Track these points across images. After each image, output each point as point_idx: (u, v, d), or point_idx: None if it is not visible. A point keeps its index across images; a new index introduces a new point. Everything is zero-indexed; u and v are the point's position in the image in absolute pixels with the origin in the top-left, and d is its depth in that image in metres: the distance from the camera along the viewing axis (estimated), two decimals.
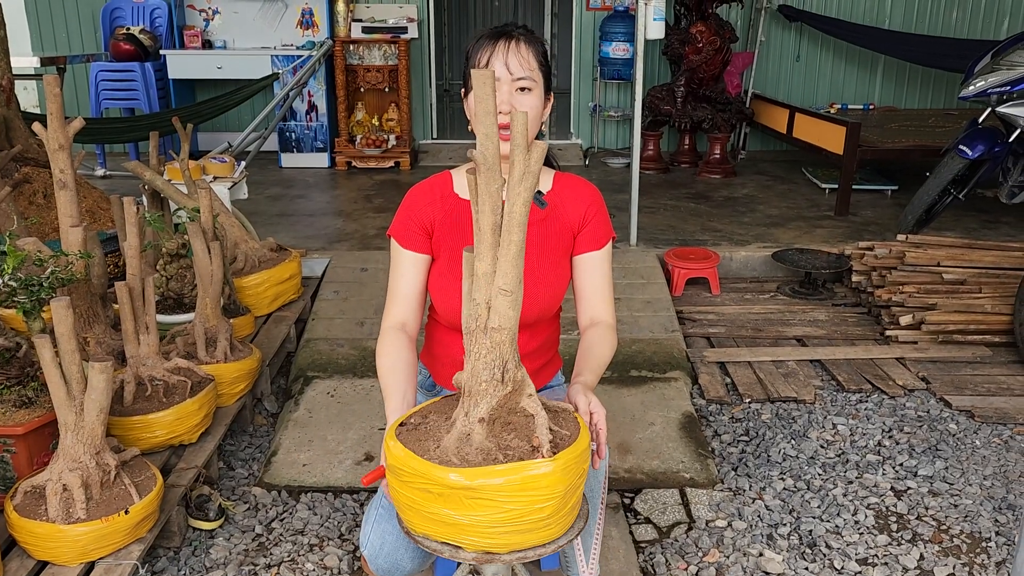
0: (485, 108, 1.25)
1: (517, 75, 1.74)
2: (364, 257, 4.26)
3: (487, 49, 1.75)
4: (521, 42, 1.76)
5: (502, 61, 1.73)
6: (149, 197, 3.50)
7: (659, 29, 4.12)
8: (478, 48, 1.77)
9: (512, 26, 1.80)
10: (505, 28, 1.78)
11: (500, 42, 1.74)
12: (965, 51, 6.41)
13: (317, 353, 3.44)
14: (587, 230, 1.92)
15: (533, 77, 1.76)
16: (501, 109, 1.72)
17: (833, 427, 2.99)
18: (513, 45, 1.75)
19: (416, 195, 1.91)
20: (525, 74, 1.75)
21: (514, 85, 1.74)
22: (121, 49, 6.20)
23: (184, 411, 2.50)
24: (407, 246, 1.87)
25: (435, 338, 2.01)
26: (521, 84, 1.75)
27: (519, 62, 1.74)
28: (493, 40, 1.75)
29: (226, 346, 2.84)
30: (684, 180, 6.16)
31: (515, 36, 1.76)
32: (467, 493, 1.26)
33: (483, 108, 1.24)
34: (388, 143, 6.42)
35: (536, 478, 1.27)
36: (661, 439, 2.89)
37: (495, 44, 1.74)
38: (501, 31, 1.77)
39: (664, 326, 3.68)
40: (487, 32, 1.78)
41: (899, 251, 3.95)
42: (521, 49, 1.75)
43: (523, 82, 1.75)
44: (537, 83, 1.77)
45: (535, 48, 1.78)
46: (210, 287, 2.79)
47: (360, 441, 2.86)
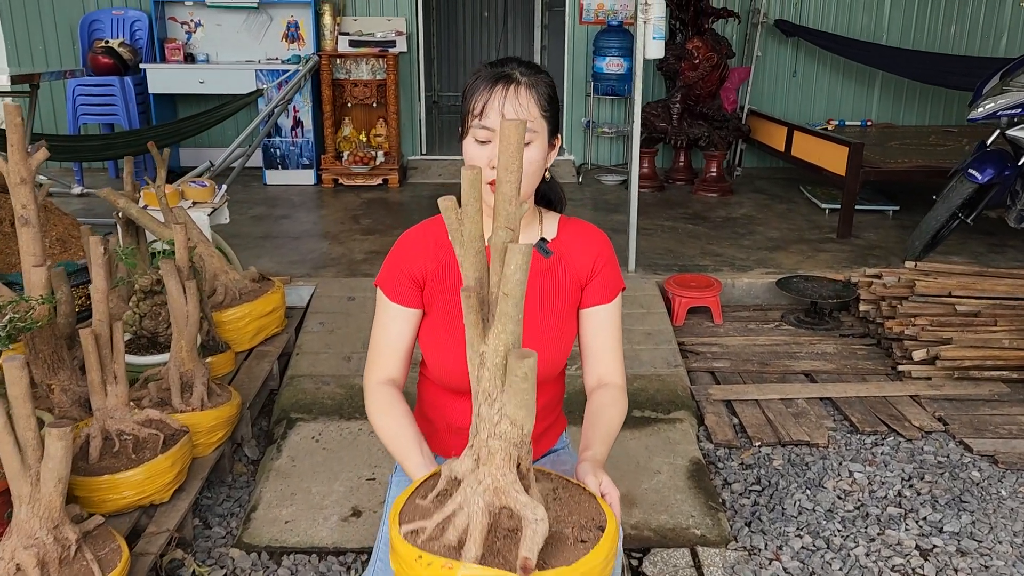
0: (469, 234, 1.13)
1: None
2: (351, 284, 4.07)
3: (483, 94, 1.57)
4: (521, 88, 1.58)
5: (497, 109, 1.56)
6: (123, 225, 3.30)
7: (659, 48, 3.96)
8: (475, 90, 1.59)
9: (513, 65, 1.61)
10: (504, 70, 1.59)
11: (498, 87, 1.57)
12: (964, 68, 6.33)
13: (301, 392, 3.25)
14: (596, 281, 1.75)
15: (533, 127, 1.58)
16: (493, 164, 1.55)
17: (850, 475, 2.82)
18: (512, 92, 1.57)
19: (407, 243, 1.73)
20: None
21: None
22: (100, 63, 5.99)
23: (155, 469, 2.30)
24: (396, 299, 1.69)
25: (428, 399, 1.83)
26: None
27: (516, 111, 1.57)
28: (490, 84, 1.57)
29: (203, 392, 2.64)
30: (680, 199, 6.00)
31: (515, 80, 1.58)
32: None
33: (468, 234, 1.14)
34: (376, 160, 6.23)
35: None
36: (668, 489, 2.71)
37: (492, 89, 1.57)
38: (500, 73, 1.58)
39: (667, 360, 3.51)
40: (486, 72, 1.60)
41: (908, 280, 3.80)
42: (520, 96, 1.57)
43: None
44: (538, 132, 1.60)
45: (537, 92, 1.60)
46: (185, 329, 2.60)
47: (347, 494, 2.67)
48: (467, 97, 1.61)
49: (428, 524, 1.22)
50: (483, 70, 1.62)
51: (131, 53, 6.10)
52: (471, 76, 1.64)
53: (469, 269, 1.24)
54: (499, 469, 1.21)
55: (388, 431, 1.62)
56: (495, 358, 1.19)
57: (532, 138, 1.58)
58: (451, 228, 1.22)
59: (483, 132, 1.57)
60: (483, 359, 1.22)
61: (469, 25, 10.47)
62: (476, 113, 1.57)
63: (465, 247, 1.23)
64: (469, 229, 1.22)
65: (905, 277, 3.83)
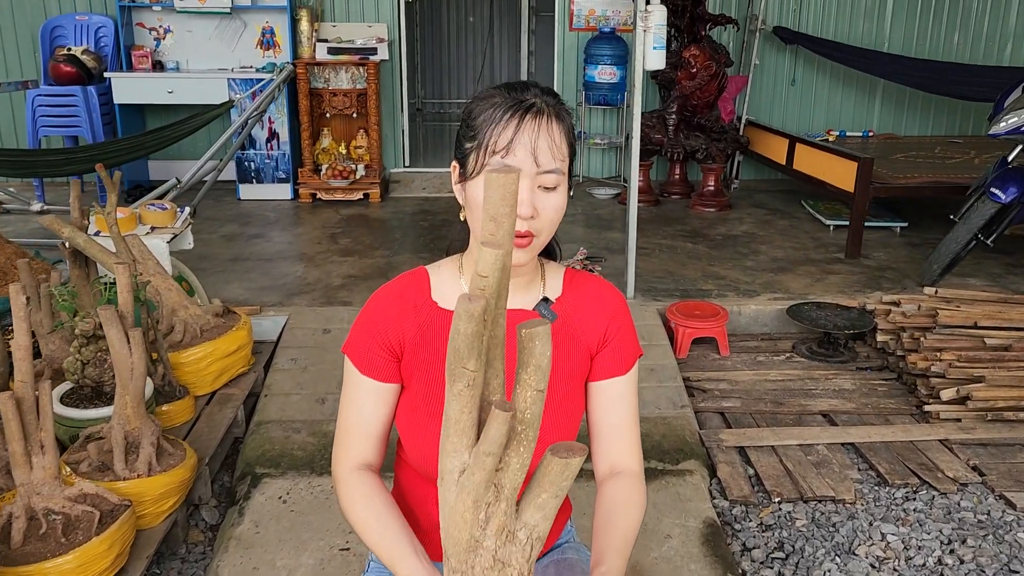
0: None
1: (545, 167, 1.26)
2: (327, 315, 3.74)
3: (507, 126, 1.26)
4: (553, 122, 1.28)
5: (528, 147, 1.25)
6: (70, 256, 2.97)
7: (659, 59, 3.66)
8: (493, 120, 1.27)
9: (536, 91, 1.31)
10: (526, 98, 1.28)
11: (527, 121, 1.26)
12: (969, 76, 6.08)
13: (268, 442, 2.92)
14: (609, 350, 1.45)
15: (561, 169, 1.28)
16: (519, 211, 1.25)
17: (882, 538, 2.52)
18: (545, 125, 1.26)
19: (381, 304, 1.42)
20: (555, 166, 1.27)
21: (538, 181, 1.27)
22: (61, 71, 5.62)
23: (89, 554, 1.97)
24: (367, 372, 1.39)
25: (406, 487, 1.51)
26: (547, 181, 1.28)
27: (550, 148, 1.27)
28: (516, 114, 1.26)
29: (151, 453, 2.31)
30: (677, 214, 5.71)
31: (544, 111, 1.27)
32: None
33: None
34: (356, 173, 5.90)
35: None
36: (681, 558, 2.40)
37: (520, 121, 1.25)
38: (524, 102, 1.27)
39: (672, 400, 3.20)
40: (504, 98, 1.28)
41: (929, 308, 3.52)
42: (554, 131, 1.27)
43: (550, 178, 1.28)
44: (564, 176, 1.30)
45: (566, 126, 1.30)
46: (130, 383, 2.27)
47: (317, 568, 2.34)
48: (478, 127, 1.29)
49: None
50: (499, 96, 1.30)
51: (95, 61, 5.75)
52: (479, 101, 1.32)
53: (491, 387, 0.96)
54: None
55: (371, 529, 1.33)
56: (517, 478, 0.96)
57: (560, 181, 1.29)
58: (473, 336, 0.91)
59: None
60: (499, 490, 0.94)
61: (454, 30, 10.16)
62: (498, 149, 1.26)
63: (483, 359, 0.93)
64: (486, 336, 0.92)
65: (925, 305, 3.55)
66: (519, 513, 0.97)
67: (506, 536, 0.97)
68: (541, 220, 1.30)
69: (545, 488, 0.94)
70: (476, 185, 1.29)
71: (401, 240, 5.01)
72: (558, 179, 1.29)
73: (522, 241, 1.29)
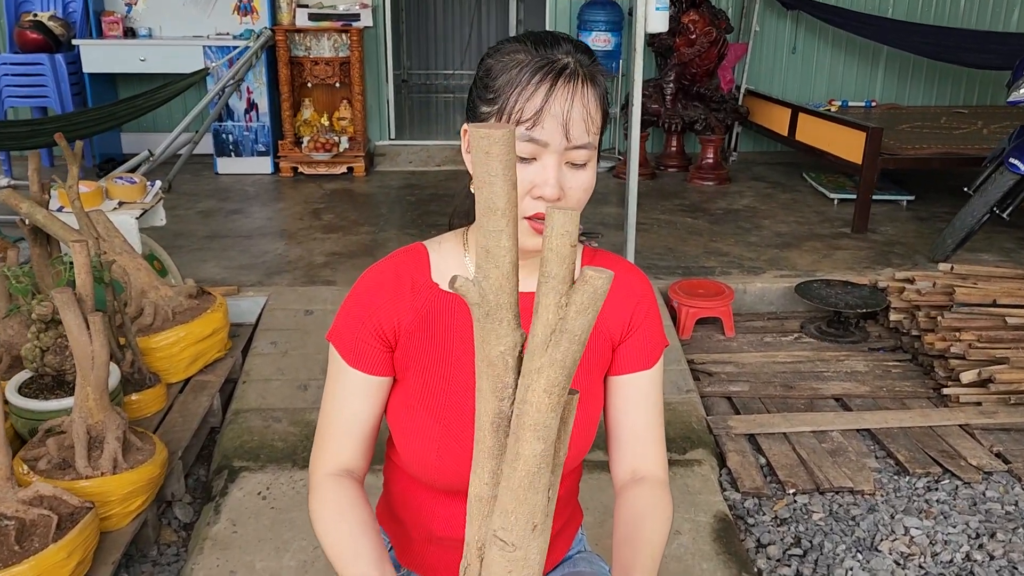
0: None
1: (577, 141, 1.06)
2: (309, 295, 3.53)
3: (535, 91, 1.05)
4: (588, 86, 1.07)
5: (560, 121, 1.05)
6: (30, 234, 2.75)
7: (662, 20, 3.45)
8: (517, 83, 1.06)
9: (567, 47, 1.09)
10: (558, 57, 1.07)
11: (559, 86, 1.05)
12: (976, 43, 5.88)
13: (247, 432, 2.72)
14: (633, 340, 1.27)
15: (593, 143, 1.08)
16: (544, 193, 1.06)
17: (906, 532, 2.36)
18: (579, 91, 1.06)
19: (373, 285, 1.22)
20: (588, 140, 1.07)
21: (566, 157, 1.07)
22: (27, 38, 5.34)
23: (47, 562, 1.78)
24: (355, 363, 1.20)
25: (397, 493, 1.33)
26: (578, 158, 1.08)
27: (584, 120, 1.07)
28: (546, 77, 1.05)
29: (116, 448, 2.12)
30: (675, 187, 5.51)
31: (579, 75, 1.06)
32: None
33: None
34: (339, 146, 5.66)
35: None
36: (692, 556, 2.23)
37: (551, 88, 1.05)
38: (556, 63, 1.06)
39: (677, 384, 3.03)
40: (532, 57, 1.07)
41: (944, 285, 3.34)
42: (588, 99, 1.07)
43: (581, 153, 1.08)
44: (595, 151, 1.10)
45: (601, 91, 1.10)
46: (91, 373, 2.06)
47: (298, 571, 2.15)
48: (499, 89, 1.08)
49: None
50: (524, 52, 1.09)
51: (63, 27, 5.45)
52: (500, 57, 1.11)
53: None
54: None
55: (338, 553, 1.15)
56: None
57: (590, 158, 1.10)
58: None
59: (530, 147, 1.06)
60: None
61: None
62: (524, 119, 1.05)
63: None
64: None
65: (941, 282, 3.37)
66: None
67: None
68: (568, 201, 1.11)
69: None
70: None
71: (387, 216, 4.79)
72: (589, 155, 1.10)
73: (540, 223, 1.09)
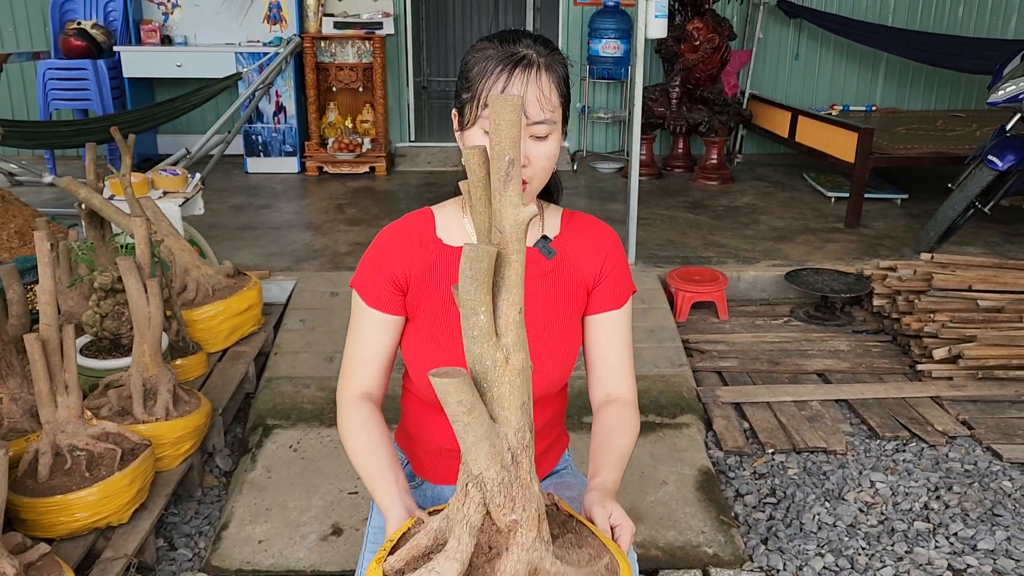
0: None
1: (535, 119, 1.33)
2: (334, 279, 3.83)
3: (498, 78, 1.32)
4: (543, 73, 1.33)
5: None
6: (86, 217, 3.05)
7: (661, 27, 3.72)
8: (485, 73, 1.33)
9: (528, 42, 1.36)
10: (519, 50, 1.34)
11: (516, 72, 1.32)
12: (974, 50, 6.10)
13: (279, 396, 3.02)
14: (604, 285, 1.52)
15: (551, 119, 1.35)
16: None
17: (871, 485, 2.61)
18: (533, 77, 1.32)
19: (388, 240, 1.50)
20: (545, 116, 1.33)
21: (528, 131, 1.33)
22: (71, 45, 5.70)
23: (112, 488, 2.07)
24: (374, 304, 1.46)
25: (412, 416, 1.60)
26: (538, 131, 1.34)
27: (539, 100, 1.32)
28: (506, 66, 1.32)
29: (168, 399, 2.41)
30: (679, 187, 5.77)
31: (535, 63, 1.33)
32: None
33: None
34: (362, 147, 5.97)
35: None
36: (676, 502, 2.49)
37: (510, 74, 1.32)
38: (516, 55, 1.33)
39: (670, 359, 3.29)
40: (497, 51, 1.34)
41: (925, 272, 3.59)
42: (543, 83, 1.33)
43: (540, 128, 1.34)
44: (556, 123, 1.36)
45: (557, 76, 1.36)
46: (147, 332, 2.36)
47: (327, 509, 2.44)
48: (473, 80, 1.36)
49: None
50: (492, 48, 1.36)
51: (105, 35, 5.81)
52: (474, 52, 1.38)
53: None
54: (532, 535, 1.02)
55: (359, 456, 1.41)
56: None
57: (551, 130, 1.35)
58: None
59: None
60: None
61: (459, 6, 10.18)
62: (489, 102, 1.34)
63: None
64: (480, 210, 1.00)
65: (921, 270, 3.62)
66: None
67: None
68: (533, 167, 1.37)
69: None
70: (473, 134, 1.36)
71: (407, 210, 4.95)
72: (548, 128, 1.35)
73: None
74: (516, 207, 0.95)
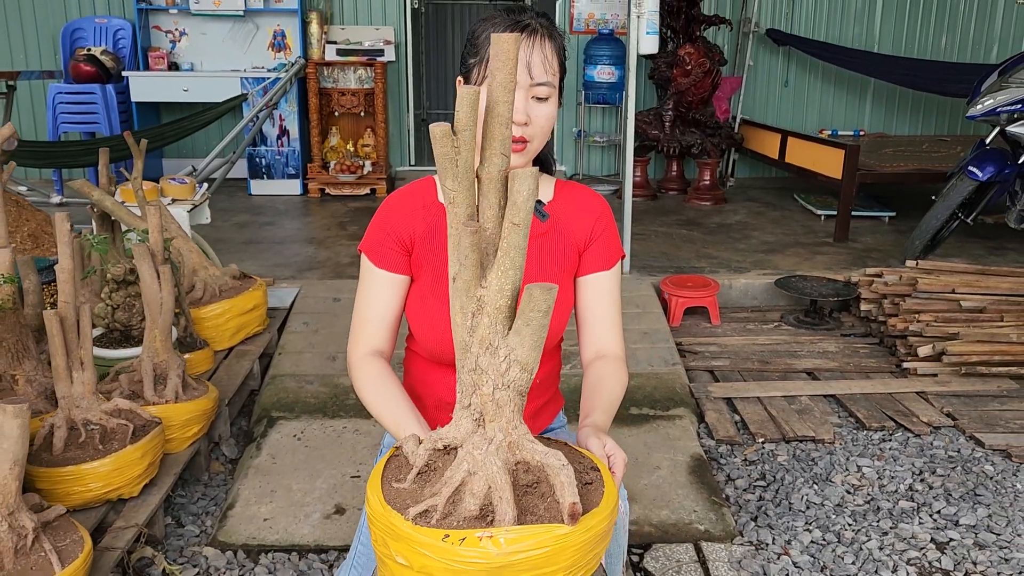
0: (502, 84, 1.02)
1: (538, 80, 1.45)
2: (336, 286, 3.94)
3: None
4: (546, 39, 1.46)
5: (523, 63, 1.44)
6: (97, 219, 3.17)
7: (652, 43, 3.88)
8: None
9: (531, 14, 1.49)
10: (522, 18, 1.47)
11: (523, 36, 1.44)
12: (958, 74, 6.29)
13: (283, 391, 3.11)
14: (595, 247, 1.63)
15: (552, 82, 1.47)
16: (515, 118, 1.45)
17: (858, 469, 2.69)
18: (538, 42, 1.45)
19: (393, 205, 1.61)
20: (547, 79, 1.46)
21: (531, 92, 1.46)
22: (81, 70, 5.87)
23: (124, 460, 2.15)
24: (382, 264, 1.57)
25: (415, 374, 1.70)
26: (540, 92, 1.46)
27: (543, 63, 1.45)
28: (514, 30, 1.44)
29: (177, 384, 2.50)
30: (673, 207, 5.91)
31: (539, 30, 1.46)
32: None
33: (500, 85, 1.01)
34: (363, 169, 6.12)
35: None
36: (669, 485, 2.57)
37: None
38: (519, 22, 1.46)
39: (664, 359, 3.38)
40: (504, 19, 1.48)
41: (910, 278, 3.70)
42: (546, 48, 1.46)
43: (543, 89, 1.46)
44: (555, 88, 1.49)
45: (557, 45, 1.49)
46: (159, 317, 2.46)
47: (330, 491, 2.52)
48: (480, 44, 1.49)
49: (436, 502, 1.09)
50: (499, 17, 1.49)
51: (114, 61, 5.99)
52: (482, 22, 1.51)
53: (462, 205, 1.12)
54: (510, 422, 1.11)
55: (378, 404, 1.49)
56: (498, 300, 1.08)
57: (551, 93, 1.48)
58: (444, 158, 1.09)
59: None
60: (481, 304, 1.10)
61: (458, 38, 10.41)
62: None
63: (459, 180, 1.11)
64: (465, 158, 1.10)
65: (907, 276, 3.73)
66: (506, 338, 1.14)
67: (487, 348, 1.13)
68: (534, 127, 1.50)
69: (524, 316, 1.10)
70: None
71: None
72: (549, 91, 1.48)
73: (518, 146, 1.48)
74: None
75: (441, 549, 1.02)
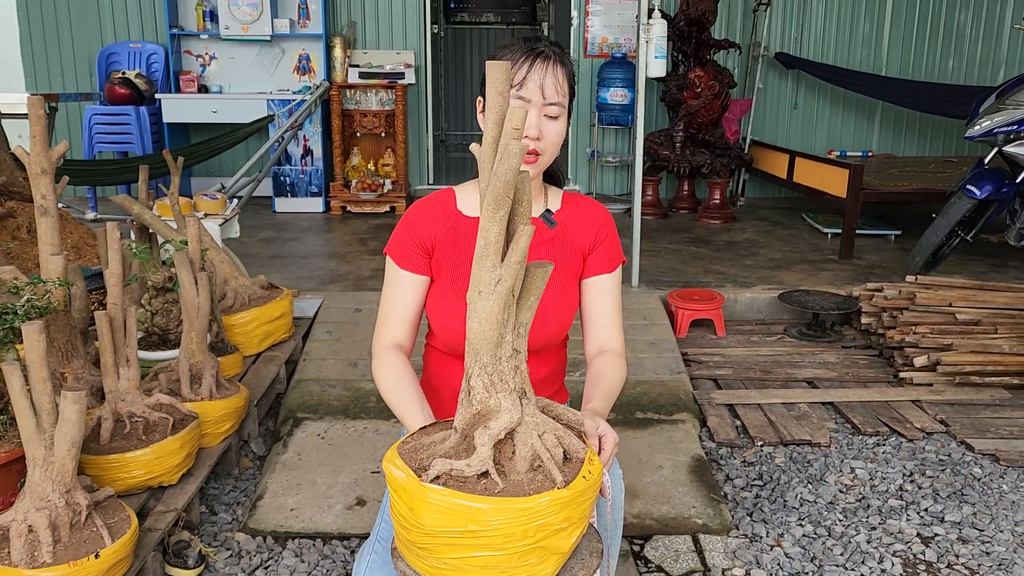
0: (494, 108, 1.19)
1: (550, 99, 1.65)
2: (358, 298, 4.13)
3: (521, 65, 1.65)
4: (558, 65, 1.67)
5: (537, 82, 1.64)
6: (137, 232, 3.38)
7: (660, 67, 4.07)
8: (512, 62, 1.66)
9: (544, 43, 1.70)
10: (537, 46, 1.68)
11: (538, 62, 1.65)
12: (963, 97, 6.41)
13: (308, 394, 3.29)
14: (598, 252, 1.82)
15: (563, 103, 1.67)
16: (528, 133, 1.63)
17: (851, 471, 2.83)
18: (551, 67, 1.65)
19: (416, 212, 1.80)
20: (558, 99, 1.66)
21: (543, 111, 1.65)
22: (116, 93, 6.15)
23: (164, 450, 2.34)
24: (405, 266, 1.75)
25: (433, 368, 1.88)
26: (551, 111, 1.66)
27: (555, 85, 1.65)
28: (529, 57, 1.65)
29: (212, 383, 2.69)
30: (684, 225, 6.08)
31: (551, 57, 1.66)
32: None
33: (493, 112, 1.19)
34: (384, 188, 6.34)
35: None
36: (670, 483, 2.73)
37: (532, 62, 1.65)
38: (534, 49, 1.66)
39: (669, 367, 3.54)
40: (518, 46, 1.68)
41: (909, 292, 3.84)
42: (557, 72, 1.66)
43: (553, 108, 1.66)
44: (565, 109, 1.69)
45: (568, 70, 1.70)
46: (196, 320, 2.66)
47: (352, 484, 2.69)
48: None
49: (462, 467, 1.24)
50: (516, 44, 1.69)
51: (147, 84, 6.27)
52: (501, 49, 1.71)
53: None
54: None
55: (391, 392, 1.66)
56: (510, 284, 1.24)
57: (560, 113, 1.67)
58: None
59: (519, 103, 1.65)
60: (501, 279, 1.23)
61: (478, 64, 10.68)
62: (514, 84, 1.64)
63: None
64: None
65: (906, 290, 3.87)
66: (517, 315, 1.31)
67: (515, 328, 1.31)
68: (545, 142, 1.69)
69: (531, 292, 1.28)
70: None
71: None
72: (559, 110, 1.67)
73: (530, 158, 1.67)
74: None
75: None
